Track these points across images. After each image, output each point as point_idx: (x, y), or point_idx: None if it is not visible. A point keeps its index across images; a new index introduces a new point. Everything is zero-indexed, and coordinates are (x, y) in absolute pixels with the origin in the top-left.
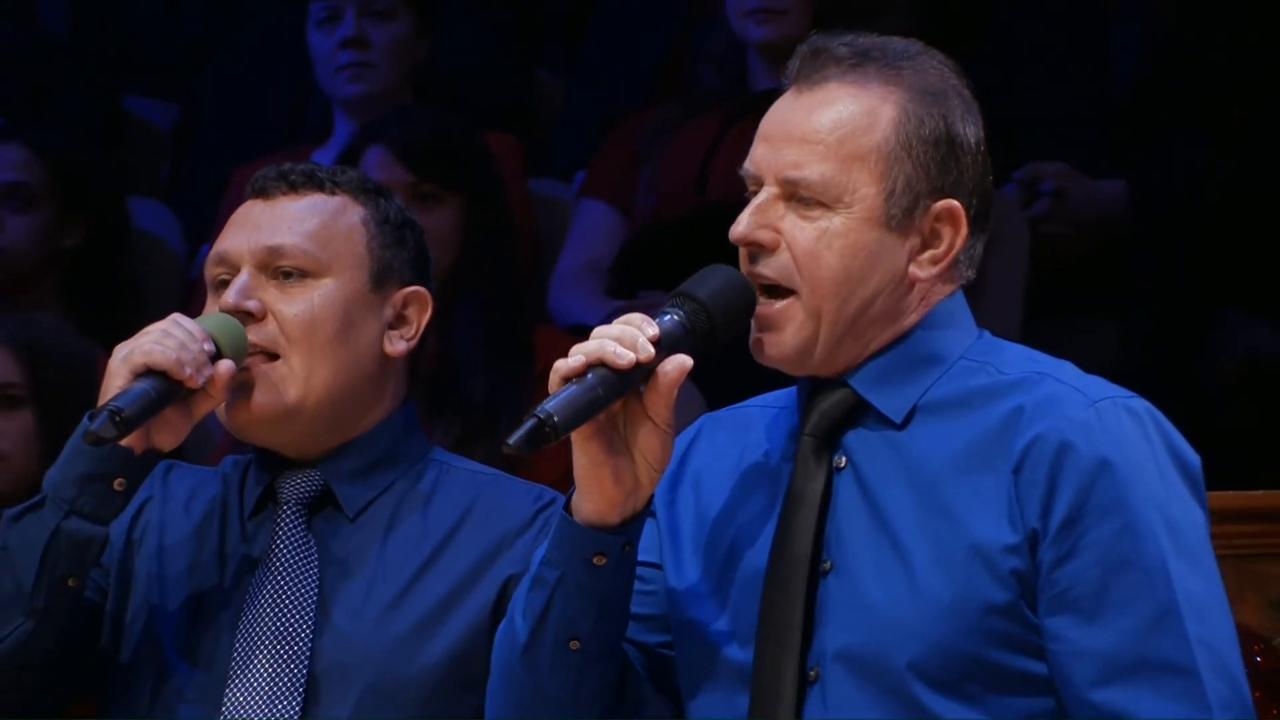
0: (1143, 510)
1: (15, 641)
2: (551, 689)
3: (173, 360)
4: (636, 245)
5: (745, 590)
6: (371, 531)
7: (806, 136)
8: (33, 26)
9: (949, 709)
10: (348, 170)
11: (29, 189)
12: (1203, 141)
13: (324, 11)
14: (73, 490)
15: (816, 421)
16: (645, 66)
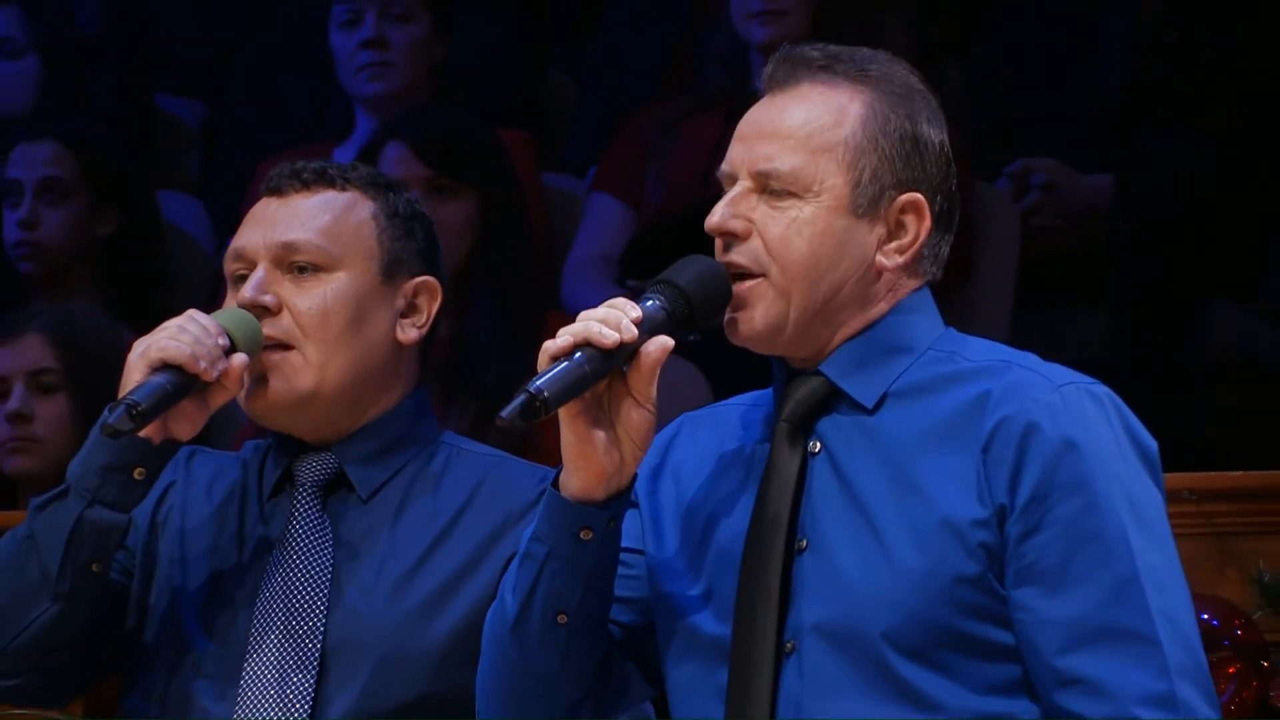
0: (1105, 488)
1: (43, 625)
2: (539, 665)
3: (187, 355)
4: (645, 237)
5: (724, 569)
6: (383, 512)
7: (778, 132)
8: (67, 26)
9: (920, 676)
10: (359, 166)
11: (63, 183)
12: (1186, 138)
13: (346, 14)
14: (95, 480)
15: (792, 409)
16: (653, 66)
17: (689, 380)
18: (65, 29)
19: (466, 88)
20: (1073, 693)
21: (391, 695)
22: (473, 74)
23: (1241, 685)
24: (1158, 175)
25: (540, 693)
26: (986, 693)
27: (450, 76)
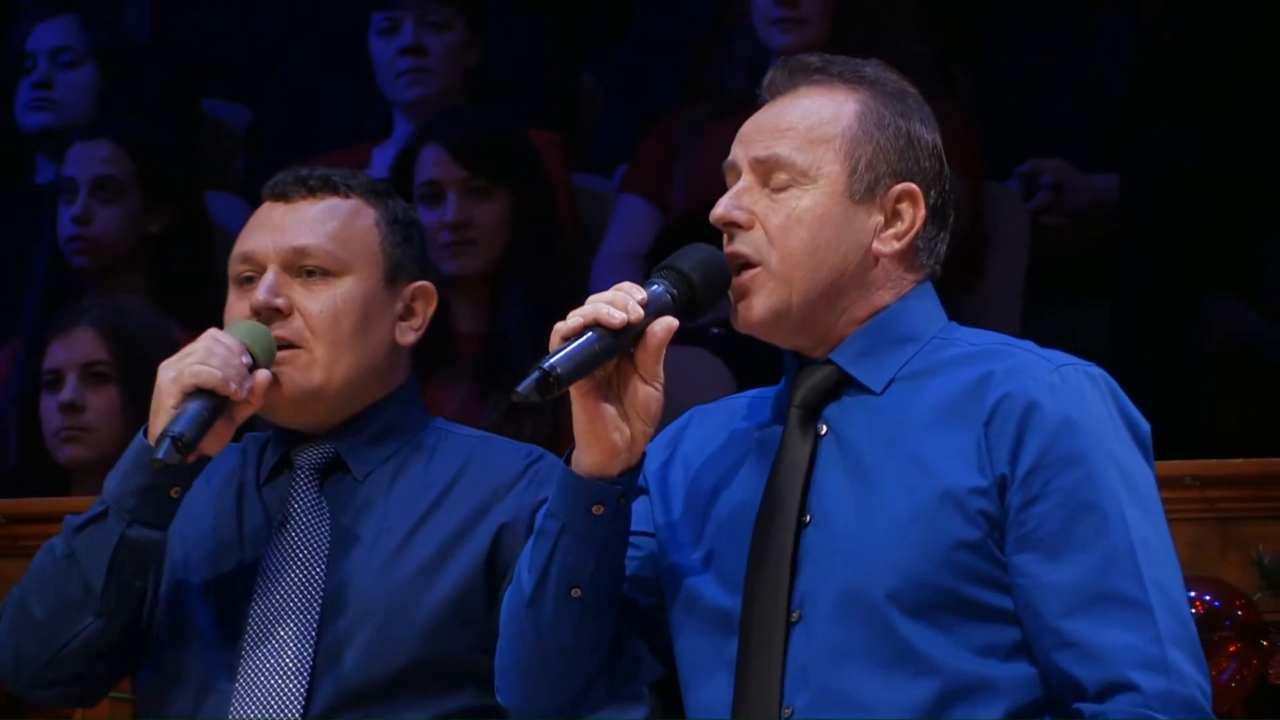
0: (1102, 463)
1: (88, 638)
2: (554, 640)
3: (219, 379)
4: (671, 235)
5: (731, 546)
6: (376, 490)
7: (778, 127)
8: (120, 34)
9: (923, 638)
10: (358, 174)
11: (117, 181)
12: (1187, 139)
13: (385, 22)
14: (133, 501)
15: (804, 395)
16: (678, 71)
17: (714, 373)
18: (119, 38)
19: (500, 92)
20: (1069, 655)
21: (386, 660)
22: (506, 79)
23: (1242, 663)
24: (1160, 175)
25: (555, 668)
26: (984, 654)
27: (484, 81)
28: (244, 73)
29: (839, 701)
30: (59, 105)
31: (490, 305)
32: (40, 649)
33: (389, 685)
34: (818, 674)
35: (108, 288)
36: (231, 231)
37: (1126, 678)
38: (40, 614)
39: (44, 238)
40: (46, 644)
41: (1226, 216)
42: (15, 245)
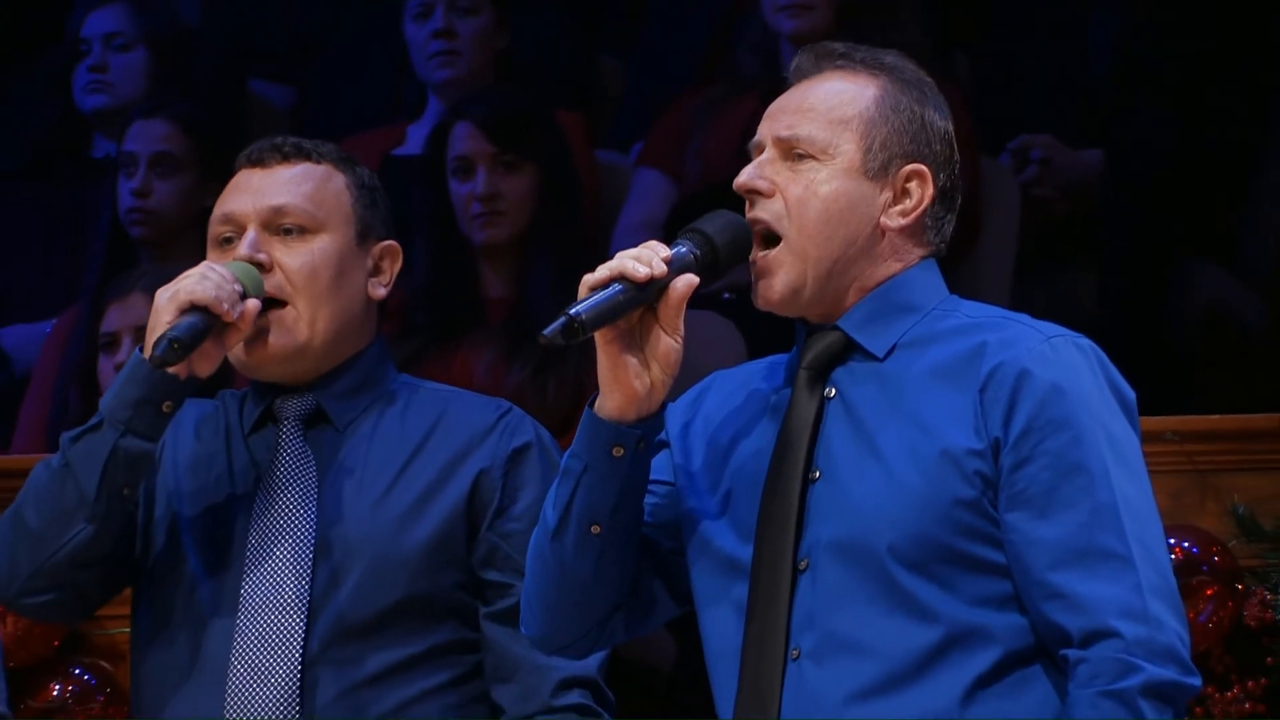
0: (1089, 426)
1: (79, 544)
2: (575, 572)
3: (213, 297)
4: (685, 206)
5: (745, 498)
6: (357, 440)
7: (800, 107)
8: (168, 19)
9: (920, 588)
10: (326, 144)
11: (174, 157)
12: (1168, 117)
13: (418, 7)
14: (127, 413)
15: (812, 359)
16: (692, 54)
17: (726, 335)
18: (168, 23)
19: (526, 73)
20: (1056, 606)
21: (377, 597)
22: (531, 61)
23: (1219, 605)
24: (1142, 150)
25: (576, 600)
26: (979, 605)
27: (512, 63)
28: (287, 56)
29: (842, 643)
30: (114, 87)
31: (517, 272)
32: (32, 556)
33: (379, 621)
34: (823, 618)
35: (162, 256)
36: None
37: (1109, 626)
38: (34, 522)
39: (103, 209)
40: (39, 551)
41: (1205, 189)
42: (75, 216)
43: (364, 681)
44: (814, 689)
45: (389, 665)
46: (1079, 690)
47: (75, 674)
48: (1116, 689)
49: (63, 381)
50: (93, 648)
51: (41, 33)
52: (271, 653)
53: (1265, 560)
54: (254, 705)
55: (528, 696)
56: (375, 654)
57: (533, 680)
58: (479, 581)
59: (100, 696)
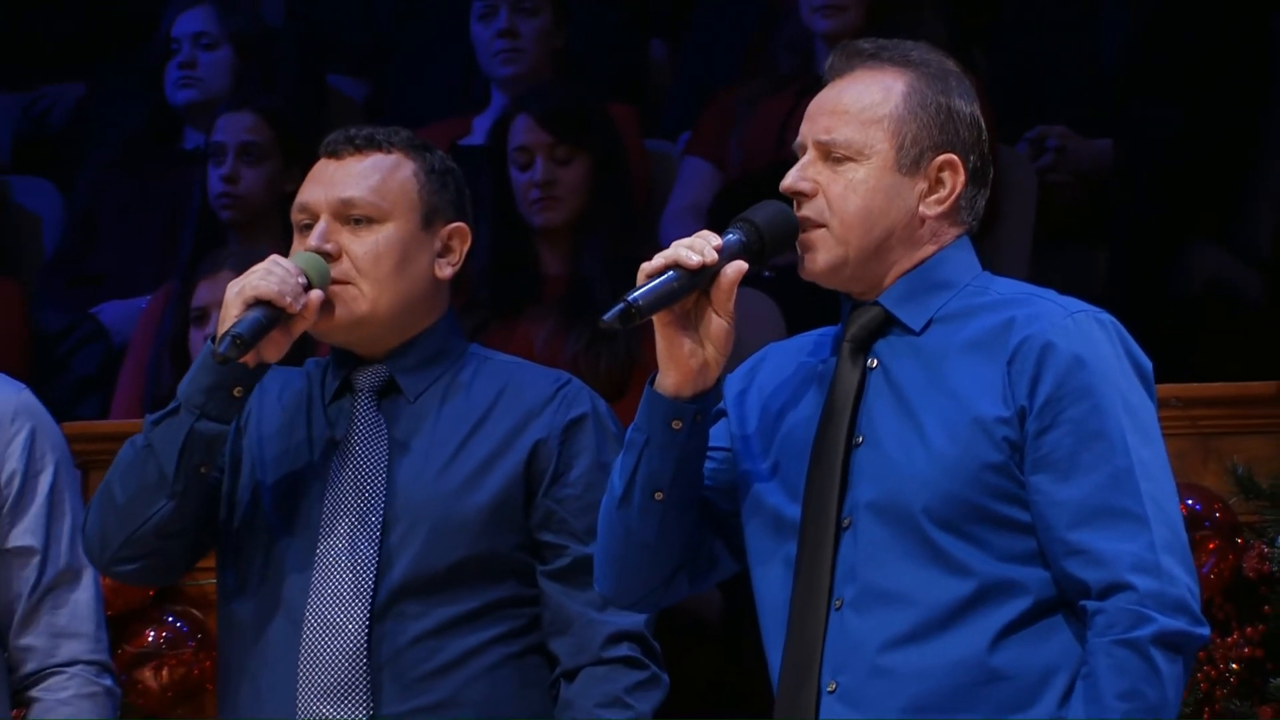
0: (1108, 395)
1: (161, 518)
2: (640, 535)
3: (276, 292)
4: (728, 192)
5: (795, 461)
6: (426, 410)
7: (836, 109)
8: (252, 20)
9: (952, 545)
10: (400, 131)
11: (259, 147)
12: (1173, 108)
13: (483, 8)
14: (201, 398)
15: (855, 332)
16: (735, 52)
17: (766, 309)
18: (252, 23)
19: (581, 69)
20: (1076, 561)
21: (441, 557)
22: (586, 58)
23: (1220, 558)
24: (1149, 139)
25: (642, 560)
26: (1006, 560)
27: (568, 60)
28: (363, 53)
29: (881, 595)
30: (202, 83)
31: (572, 253)
32: (120, 528)
33: (443, 579)
34: (863, 571)
35: (248, 237)
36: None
37: (1125, 579)
38: (121, 497)
39: (194, 194)
40: (126, 524)
41: (1207, 175)
42: (167, 202)
43: (428, 633)
44: (855, 636)
45: (451, 619)
46: (1096, 639)
47: (168, 621)
48: (1130, 638)
49: (156, 353)
50: (184, 597)
51: (136, 33)
52: (343, 609)
53: (1262, 516)
54: (326, 656)
55: (580, 649)
56: (439, 609)
57: (585, 634)
58: (536, 543)
59: (191, 642)
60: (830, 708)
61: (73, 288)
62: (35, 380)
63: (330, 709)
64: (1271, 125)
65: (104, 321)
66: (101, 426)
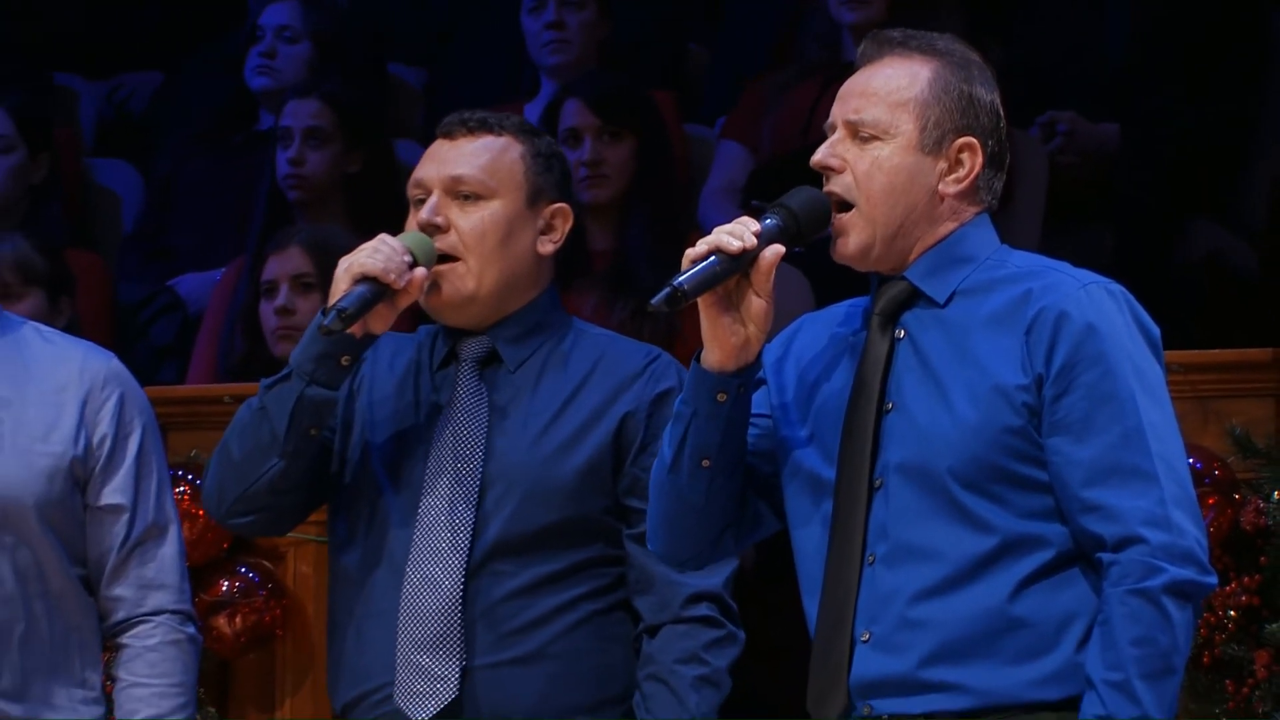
0: (1118, 361)
1: (273, 475)
2: (690, 499)
3: (381, 269)
4: (761, 172)
5: (830, 426)
6: (526, 380)
7: (865, 91)
8: (332, 17)
9: (976, 503)
10: (511, 117)
11: (323, 131)
12: (1175, 95)
13: (533, 2)
14: (311, 366)
15: (884, 305)
16: (767, 43)
17: (797, 282)
18: (331, 20)
19: (625, 58)
20: (1092, 517)
21: (534, 519)
22: (630, 47)
23: (1219, 512)
24: (1153, 123)
25: (692, 522)
26: (1026, 517)
27: (613, 49)
28: (421, 43)
29: (910, 550)
30: (278, 72)
31: (618, 228)
32: (236, 484)
33: (535, 539)
34: (894, 529)
35: (314, 216)
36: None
37: (1137, 533)
38: (237, 455)
39: (265, 175)
40: (241, 480)
41: (1206, 157)
42: (243, 180)
43: (519, 590)
44: (886, 588)
45: (542, 577)
46: (1111, 588)
47: (241, 572)
48: (1143, 587)
49: (229, 322)
50: (257, 549)
51: (213, 23)
52: (440, 565)
53: (1258, 474)
54: (423, 609)
55: (662, 607)
56: (530, 567)
57: (666, 593)
58: (623, 507)
59: (262, 591)
60: (864, 655)
61: (151, 261)
62: (117, 348)
63: (426, 658)
64: (1267, 110)
65: (180, 293)
66: (178, 391)
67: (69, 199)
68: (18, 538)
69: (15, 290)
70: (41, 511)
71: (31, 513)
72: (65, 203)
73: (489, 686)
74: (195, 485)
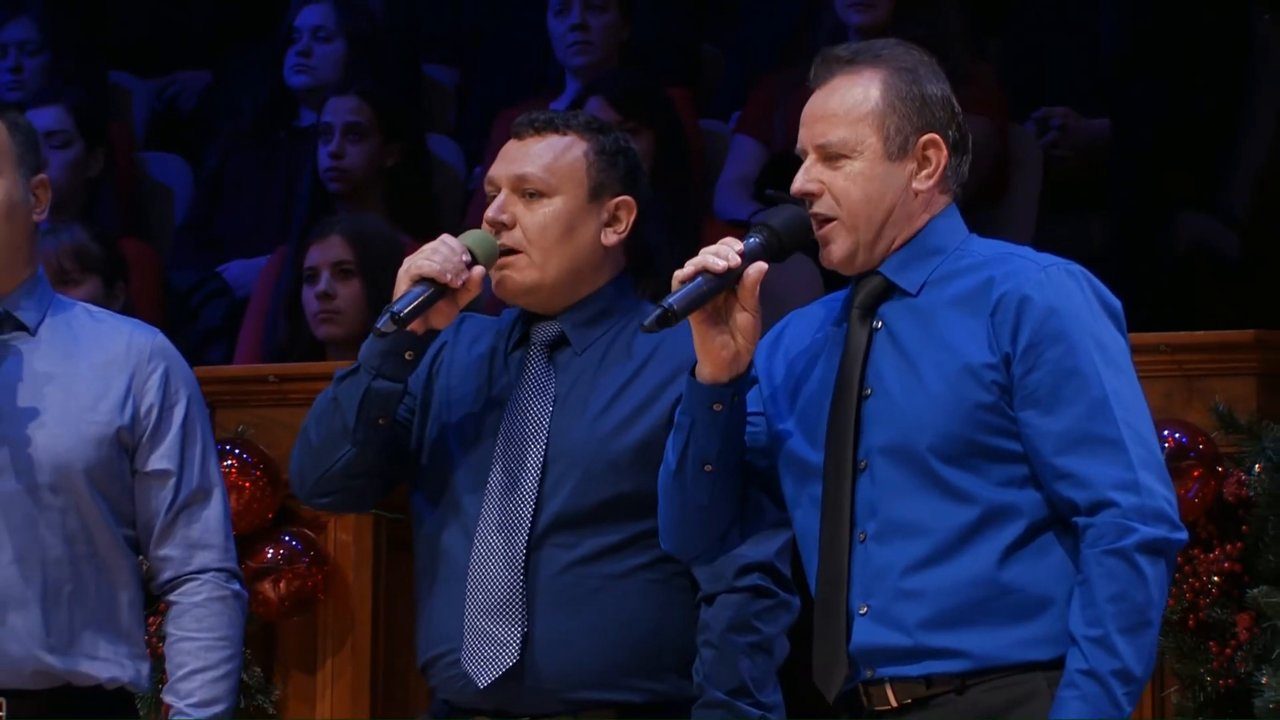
0: (1079, 337)
1: (346, 461)
2: (695, 500)
3: (438, 269)
4: (772, 165)
5: (815, 414)
6: (590, 362)
7: (824, 115)
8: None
9: (956, 476)
10: (580, 114)
11: (362, 126)
12: (1163, 92)
13: (558, 4)
14: (377, 361)
15: (861, 299)
16: (778, 43)
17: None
18: (363, 20)
19: (645, 57)
20: (1065, 484)
21: (593, 495)
22: (649, 48)
23: (1203, 484)
24: (1141, 118)
25: (698, 521)
26: (1004, 486)
27: (633, 49)
28: (453, 44)
29: (898, 526)
30: (315, 70)
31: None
32: (315, 468)
33: (593, 512)
34: (881, 507)
35: (353, 206)
36: (446, 164)
37: (1108, 497)
38: (315, 442)
39: (307, 168)
40: (318, 465)
41: (1191, 151)
42: (286, 173)
43: (578, 561)
44: (878, 564)
45: (600, 548)
46: (1088, 550)
47: (285, 540)
48: (1117, 547)
49: (274, 307)
50: (300, 519)
51: (259, 25)
52: (504, 536)
53: (1240, 448)
54: (489, 577)
55: (717, 577)
56: (589, 539)
57: (721, 564)
58: None
59: (305, 559)
60: (863, 627)
61: (201, 249)
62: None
63: (490, 623)
64: (1248, 107)
65: (228, 279)
66: (226, 370)
67: (123, 191)
68: (67, 501)
69: (74, 276)
70: (90, 476)
71: (80, 478)
72: (120, 194)
73: (549, 652)
74: (242, 459)
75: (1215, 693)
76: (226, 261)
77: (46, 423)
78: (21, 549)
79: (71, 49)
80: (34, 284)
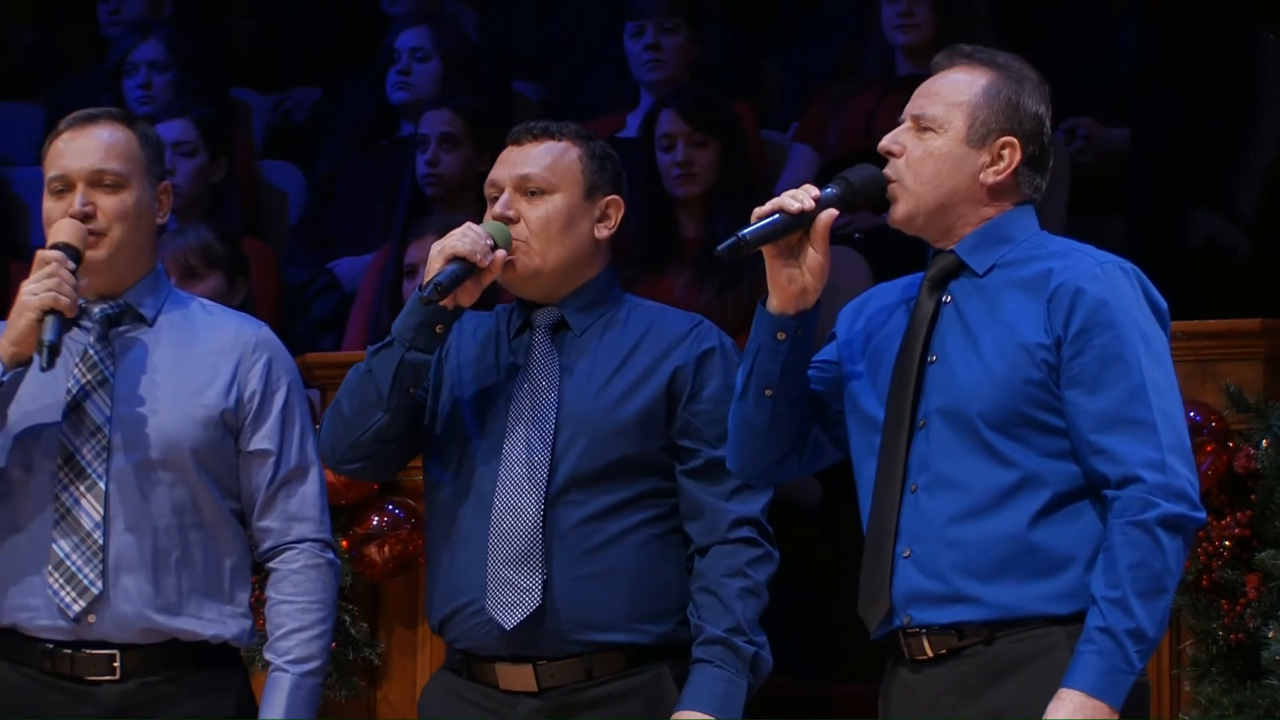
0: (1127, 328)
1: (378, 428)
2: (755, 422)
3: (469, 249)
4: (826, 171)
5: (883, 373)
6: (589, 342)
7: (931, 92)
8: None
9: (1002, 443)
10: (569, 124)
11: (455, 136)
12: (1177, 105)
13: (634, 27)
14: (410, 334)
15: (933, 274)
16: (831, 60)
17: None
18: (457, 41)
19: (712, 74)
20: (1098, 459)
21: (601, 456)
22: (716, 65)
23: (1216, 458)
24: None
25: (759, 444)
26: (1045, 456)
27: (701, 67)
28: (540, 62)
29: (945, 481)
30: (414, 88)
31: (705, 218)
32: (347, 436)
33: (601, 473)
34: (932, 463)
35: (449, 208)
36: None
37: (1136, 473)
38: (348, 412)
39: (407, 175)
40: (351, 432)
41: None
42: (388, 179)
43: (590, 516)
44: (924, 514)
45: (609, 505)
46: (1114, 520)
47: (388, 509)
48: (1140, 519)
49: (379, 299)
50: (403, 489)
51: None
52: (523, 495)
53: (1249, 425)
54: (510, 530)
55: (710, 530)
56: (599, 497)
57: (714, 519)
58: (676, 447)
59: (406, 525)
60: (905, 569)
61: (313, 248)
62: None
63: (512, 572)
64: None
65: (338, 274)
66: (336, 356)
67: (244, 195)
68: (175, 476)
69: (199, 271)
70: (196, 455)
71: (188, 456)
72: (241, 198)
73: (566, 598)
74: None
75: (1227, 645)
76: (336, 259)
77: (159, 406)
78: (133, 519)
79: (197, 68)
80: (154, 280)
